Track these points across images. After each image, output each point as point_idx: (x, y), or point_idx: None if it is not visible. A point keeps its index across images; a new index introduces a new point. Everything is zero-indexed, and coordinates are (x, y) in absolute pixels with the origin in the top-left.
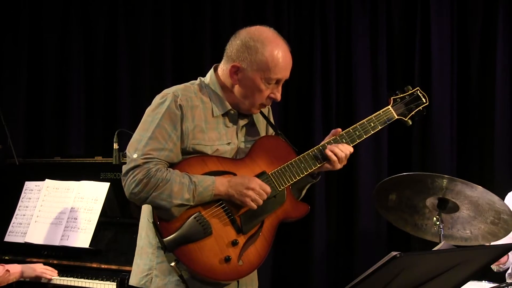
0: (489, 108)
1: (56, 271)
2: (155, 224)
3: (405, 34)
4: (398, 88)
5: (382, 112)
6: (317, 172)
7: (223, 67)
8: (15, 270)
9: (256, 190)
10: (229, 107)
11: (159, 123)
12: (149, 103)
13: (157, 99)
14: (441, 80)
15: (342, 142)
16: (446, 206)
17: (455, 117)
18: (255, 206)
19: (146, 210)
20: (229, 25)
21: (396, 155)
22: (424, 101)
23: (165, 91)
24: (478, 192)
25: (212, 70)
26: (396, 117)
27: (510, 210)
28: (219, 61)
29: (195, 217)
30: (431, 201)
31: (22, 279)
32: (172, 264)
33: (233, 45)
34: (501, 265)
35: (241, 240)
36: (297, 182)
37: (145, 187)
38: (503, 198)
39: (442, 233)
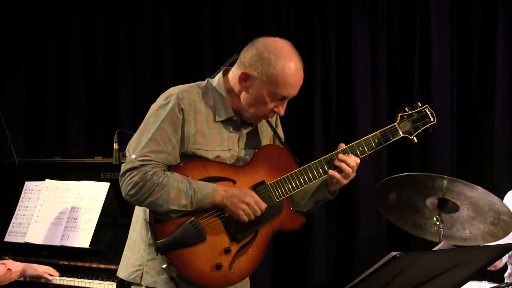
0: (489, 108)
1: (58, 273)
2: (150, 225)
3: (405, 34)
4: (400, 94)
5: (388, 129)
6: (333, 189)
7: (234, 71)
8: (16, 268)
9: (251, 205)
10: (232, 113)
11: (160, 125)
12: (149, 103)
13: (161, 99)
14: (441, 80)
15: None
16: (446, 206)
17: (455, 117)
18: (246, 219)
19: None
20: (229, 25)
21: (396, 155)
22: (432, 120)
23: (170, 91)
24: (478, 193)
25: (221, 73)
26: (402, 135)
27: (510, 211)
28: (219, 61)
29: (190, 222)
30: (431, 201)
31: (23, 278)
32: (164, 266)
33: (248, 52)
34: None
35: (234, 248)
36: (306, 194)
37: (140, 190)
38: (503, 198)
39: (442, 233)
